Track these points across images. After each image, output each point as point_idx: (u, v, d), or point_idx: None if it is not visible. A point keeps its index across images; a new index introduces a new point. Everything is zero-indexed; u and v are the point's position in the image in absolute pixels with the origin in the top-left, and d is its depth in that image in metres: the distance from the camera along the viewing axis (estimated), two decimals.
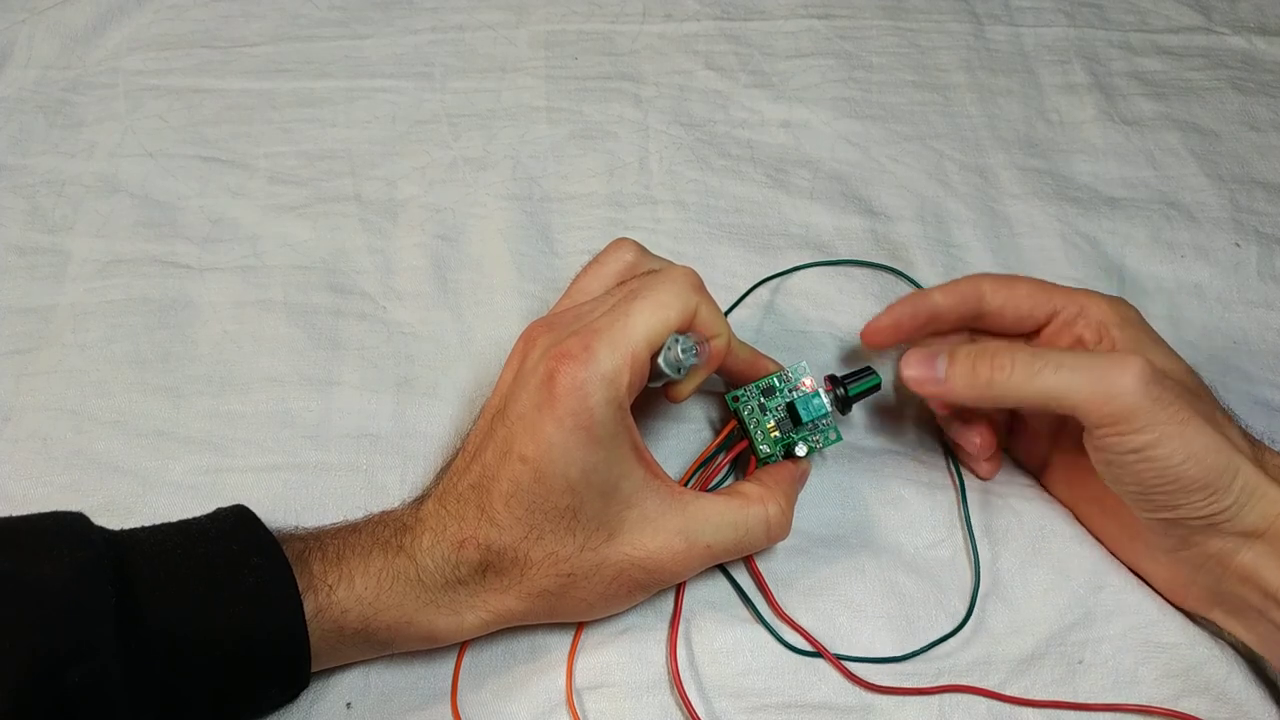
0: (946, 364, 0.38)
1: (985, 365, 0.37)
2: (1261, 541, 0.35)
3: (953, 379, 0.38)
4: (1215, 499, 0.35)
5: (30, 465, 0.42)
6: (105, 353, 0.46)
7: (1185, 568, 0.38)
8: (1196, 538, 0.36)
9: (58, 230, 0.50)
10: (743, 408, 0.41)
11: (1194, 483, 0.35)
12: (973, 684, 0.39)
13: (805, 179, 0.54)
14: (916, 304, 0.42)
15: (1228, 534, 0.36)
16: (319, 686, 0.38)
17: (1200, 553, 0.37)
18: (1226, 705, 0.38)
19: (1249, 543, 0.35)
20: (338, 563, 0.35)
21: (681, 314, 0.35)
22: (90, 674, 0.29)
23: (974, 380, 0.37)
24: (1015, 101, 0.58)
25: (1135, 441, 0.35)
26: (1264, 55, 0.62)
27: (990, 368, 0.37)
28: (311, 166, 0.53)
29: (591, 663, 0.39)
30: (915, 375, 0.38)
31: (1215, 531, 0.36)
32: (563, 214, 0.52)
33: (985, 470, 0.43)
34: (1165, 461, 0.34)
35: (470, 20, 0.61)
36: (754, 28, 0.61)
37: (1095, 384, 0.35)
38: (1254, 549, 0.35)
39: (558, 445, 0.33)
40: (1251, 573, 0.36)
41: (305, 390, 0.45)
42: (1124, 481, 0.36)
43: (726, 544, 0.37)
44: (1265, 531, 0.35)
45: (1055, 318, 0.40)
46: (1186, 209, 0.54)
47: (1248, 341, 0.49)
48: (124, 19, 0.59)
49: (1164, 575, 0.40)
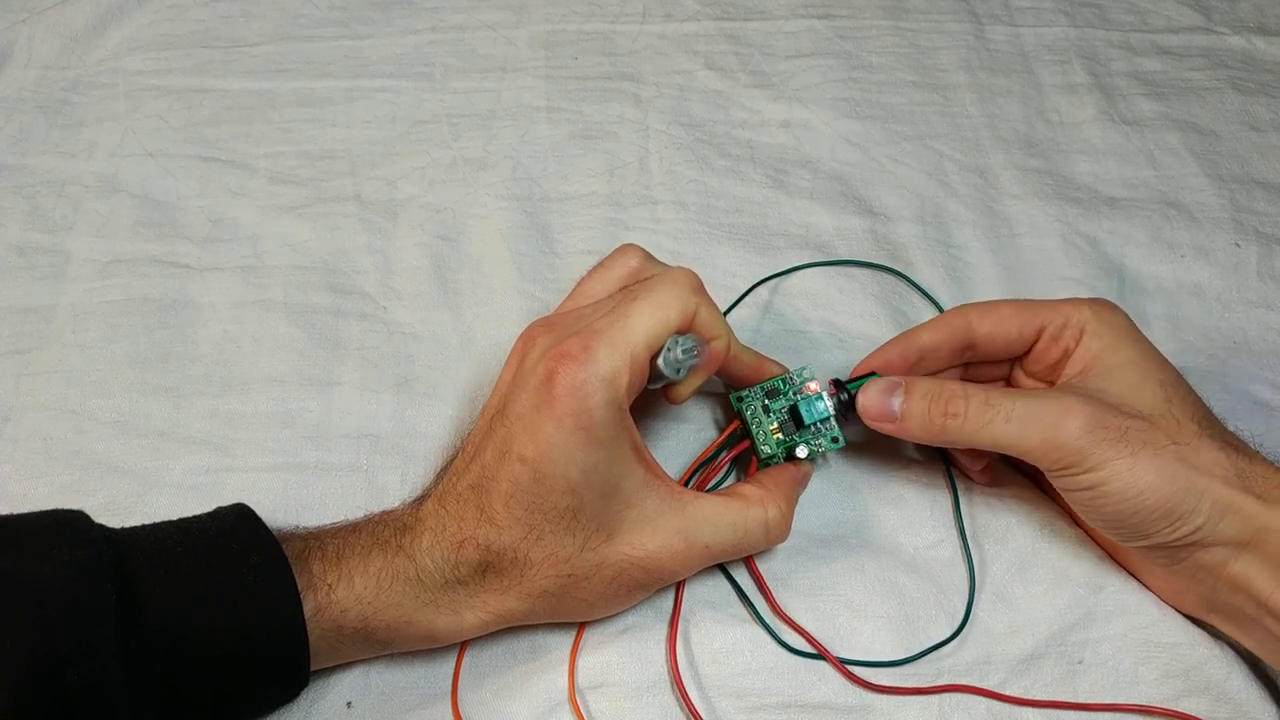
0: (903, 400, 0.38)
1: (940, 410, 0.38)
2: (1248, 551, 0.35)
3: (908, 419, 0.38)
4: (1182, 523, 0.35)
5: (30, 465, 0.42)
6: (105, 353, 0.46)
7: (1179, 578, 0.38)
8: (1182, 554, 0.36)
9: (58, 230, 0.50)
10: (746, 408, 0.41)
11: (1154, 512, 0.35)
12: (972, 684, 0.39)
13: (805, 179, 0.54)
14: (905, 346, 0.42)
15: (1212, 547, 0.36)
16: (319, 686, 0.38)
17: (1192, 565, 0.37)
18: (1226, 705, 0.38)
19: (1237, 553, 0.35)
20: (337, 562, 0.35)
21: (681, 315, 0.36)
22: (90, 673, 0.29)
23: (928, 425, 0.38)
24: (1015, 101, 0.58)
25: (1085, 481, 0.36)
26: (1264, 55, 0.62)
27: (944, 414, 0.37)
28: (311, 166, 0.53)
29: (591, 662, 0.39)
30: (872, 410, 0.39)
31: (1198, 548, 0.36)
32: (563, 214, 0.52)
33: (980, 479, 0.43)
34: (1120, 496, 0.35)
35: (470, 20, 0.61)
36: (754, 28, 0.61)
37: (1042, 432, 0.36)
38: (1242, 559, 0.35)
39: (557, 445, 0.33)
40: (1243, 583, 0.36)
41: (305, 390, 0.45)
42: (1091, 516, 0.38)
43: (725, 544, 0.37)
44: (1250, 542, 0.35)
45: (1043, 333, 0.40)
46: (1186, 209, 0.54)
47: (1247, 341, 0.49)
48: (124, 19, 0.59)
49: (1160, 584, 0.40)
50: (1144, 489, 0.35)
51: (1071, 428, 0.35)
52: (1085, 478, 0.36)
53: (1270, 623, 0.36)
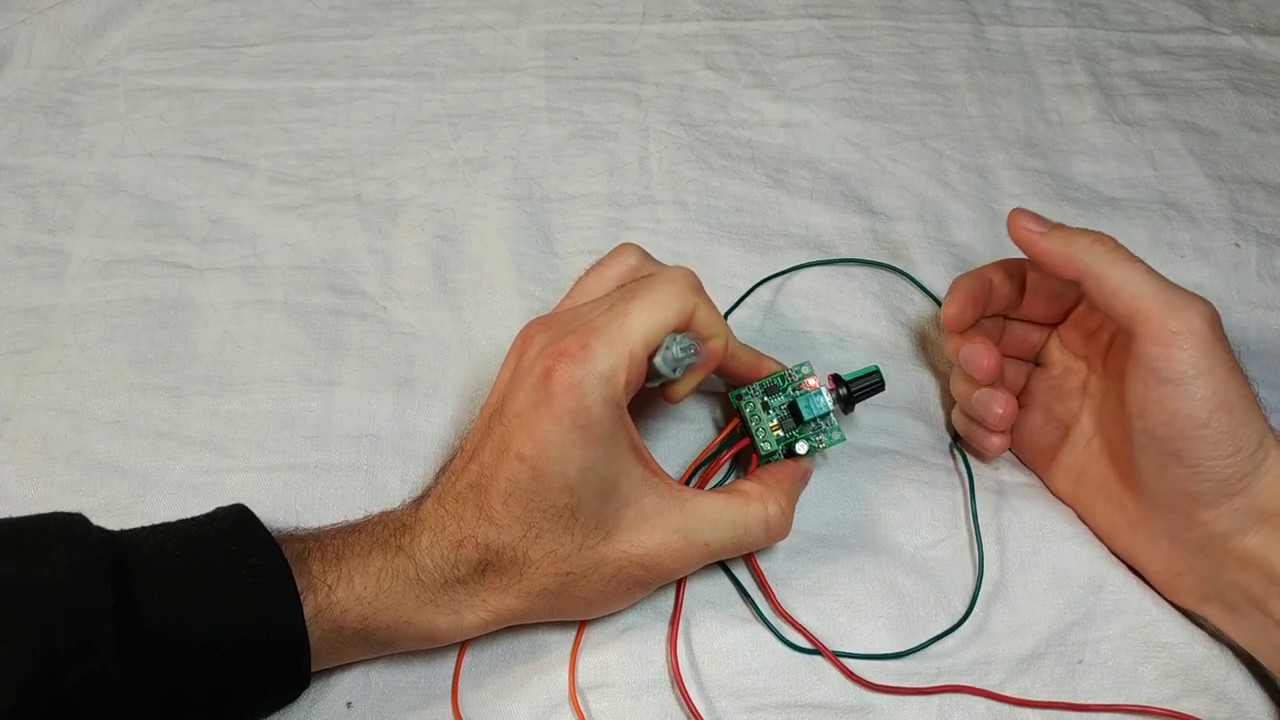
0: (1050, 225, 0.39)
1: (1084, 234, 0.38)
2: (1268, 526, 0.35)
3: (1053, 234, 0.38)
4: (1236, 458, 0.35)
5: (30, 465, 0.42)
6: (105, 353, 0.46)
7: (1185, 552, 0.38)
8: (1204, 514, 0.36)
9: (58, 230, 0.50)
10: (745, 405, 0.41)
11: (1221, 433, 0.35)
12: (972, 684, 0.39)
13: (805, 179, 0.54)
14: (980, 276, 0.42)
15: (1238, 509, 0.36)
16: (319, 686, 0.38)
17: (1205, 534, 0.36)
18: (1226, 705, 0.38)
19: (1257, 526, 0.36)
20: (337, 563, 0.35)
21: (679, 314, 0.36)
22: (90, 675, 0.29)
23: (1070, 241, 0.38)
24: (1015, 101, 0.58)
25: (1183, 369, 0.35)
26: (1264, 55, 0.62)
27: (1089, 238, 0.38)
28: (311, 166, 0.53)
29: (591, 662, 0.39)
30: (1024, 221, 0.39)
31: (1227, 502, 0.36)
32: (563, 214, 0.52)
33: (996, 445, 0.43)
34: (1203, 400, 0.35)
35: (470, 20, 0.61)
36: (754, 28, 0.61)
37: (1169, 298, 0.36)
38: (1261, 534, 0.36)
39: (555, 443, 0.33)
40: (1259, 557, 0.36)
41: (305, 390, 0.45)
42: (1153, 417, 0.36)
43: (725, 542, 0.37)
44: (1274, 516, 0.35)
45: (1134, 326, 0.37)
46: (1186, 209, 0.54)
47: (1248, 342, 0.49)
48: (124, 19, 0.59)
49: (1161, 566, 0.40)
50: (1225, 403, 0.35)
51: (1199, 306, 0.36)
52: (1184, 366, 0.35)
53: (1277, 604, 0.36)
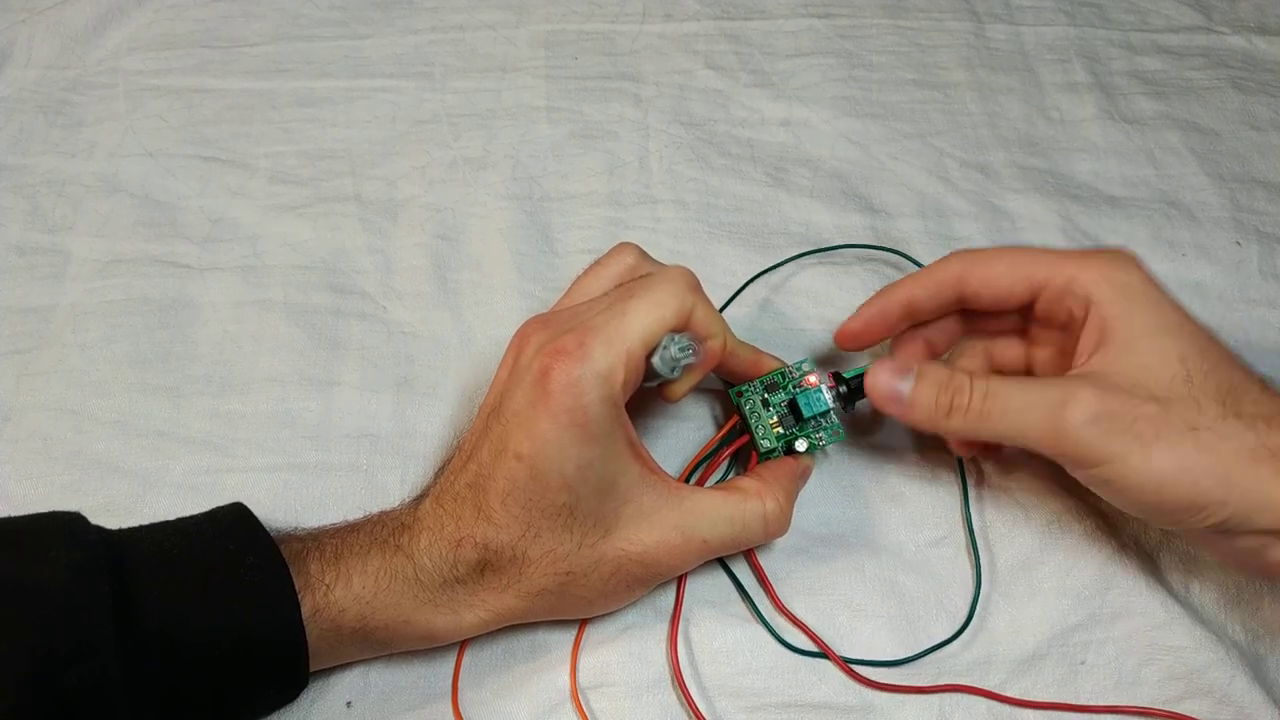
0: (913, 384, 0.37)
1: (946, 401, 0.36)
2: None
3: (916, 405, 0.36)
4: (1209, 514, 0.33)
5: (30, 465, 0.42)
6: (105, 353, 0.46)
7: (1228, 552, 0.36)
8: (1218, 540, 0.35)
9: (58, 230, 0.50)
10: (745, 402, 0.41)
11: (1178, 503, 0.33)
12: (973, 684, 0.39)
13: (805, 177, 0.54)
14: (886, 303, 0.40)
15: (1247, 535, 0.34)
16: (319, 686, 0.38)
17: (1230, 548, 0.35)
18: (1229, 708, 0.38)
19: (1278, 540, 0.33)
20: (335, 562, 0.35)
21: (677, 313, 0.35)
22: (89, 674, 0.29)
23: (934, 414, 0.36)
24: (1016, 100, 0.58)
25: (1098, 475, 0.34)
26: (1264, 55, 0.61)
27: (950, 407, 0.36)
28: (311, 166, 0.53)
29: (592, 662, 0.39)
30: (881, 391, 0.37)
31: (1235, 535, 0.34)
32: (563, 213, 0.52)
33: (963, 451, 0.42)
34: (1139, 490, 0.33)
35: (470, 20, 0.60)
36: (754, 27, 0.61)
37: (1043, 425, 0.34)
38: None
39: (553, 442, 0.33)
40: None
41: (305, 390, 0.45)
42: (1116, 506, 0.36)
43: (723, 538, 0.37)
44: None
45: (1043, 292, 0.37)
46: (1187, 208, 0.54)
47: (1249, 340, 0.49)
48: (124, 19, 0.59)
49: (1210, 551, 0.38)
50: (1163, 482, 0.32)
51: (1074, 420, 0.33)
52: (1097, 472, 0.34)
53: None
